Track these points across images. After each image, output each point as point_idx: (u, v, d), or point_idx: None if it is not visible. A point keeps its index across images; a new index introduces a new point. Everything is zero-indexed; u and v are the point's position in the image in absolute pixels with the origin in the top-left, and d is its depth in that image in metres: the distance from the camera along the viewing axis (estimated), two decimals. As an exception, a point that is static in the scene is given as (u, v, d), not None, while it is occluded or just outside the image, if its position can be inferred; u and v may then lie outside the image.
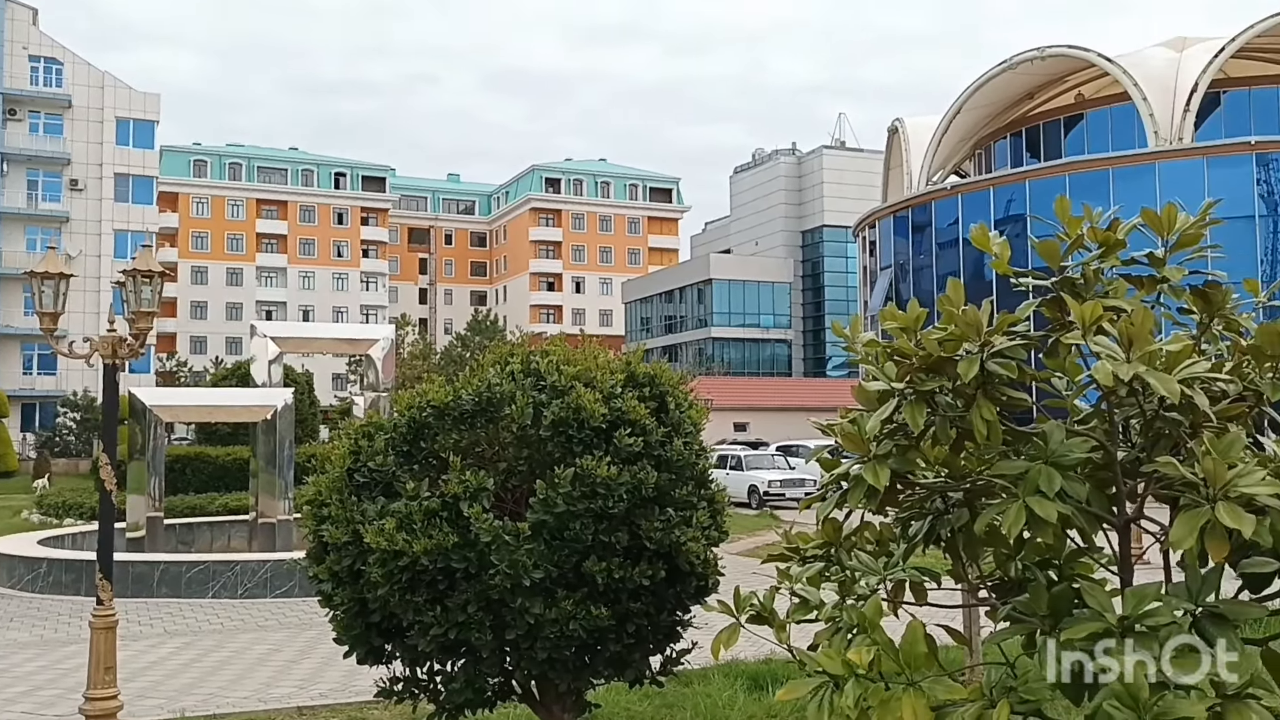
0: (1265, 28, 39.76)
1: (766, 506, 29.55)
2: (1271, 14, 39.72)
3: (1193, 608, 2.91)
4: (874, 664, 3.05)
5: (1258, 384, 3.36)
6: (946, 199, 45.64)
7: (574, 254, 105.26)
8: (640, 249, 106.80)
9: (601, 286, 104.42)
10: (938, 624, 3.70)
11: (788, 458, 33.37)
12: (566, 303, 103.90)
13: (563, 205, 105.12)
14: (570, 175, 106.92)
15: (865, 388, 3.50)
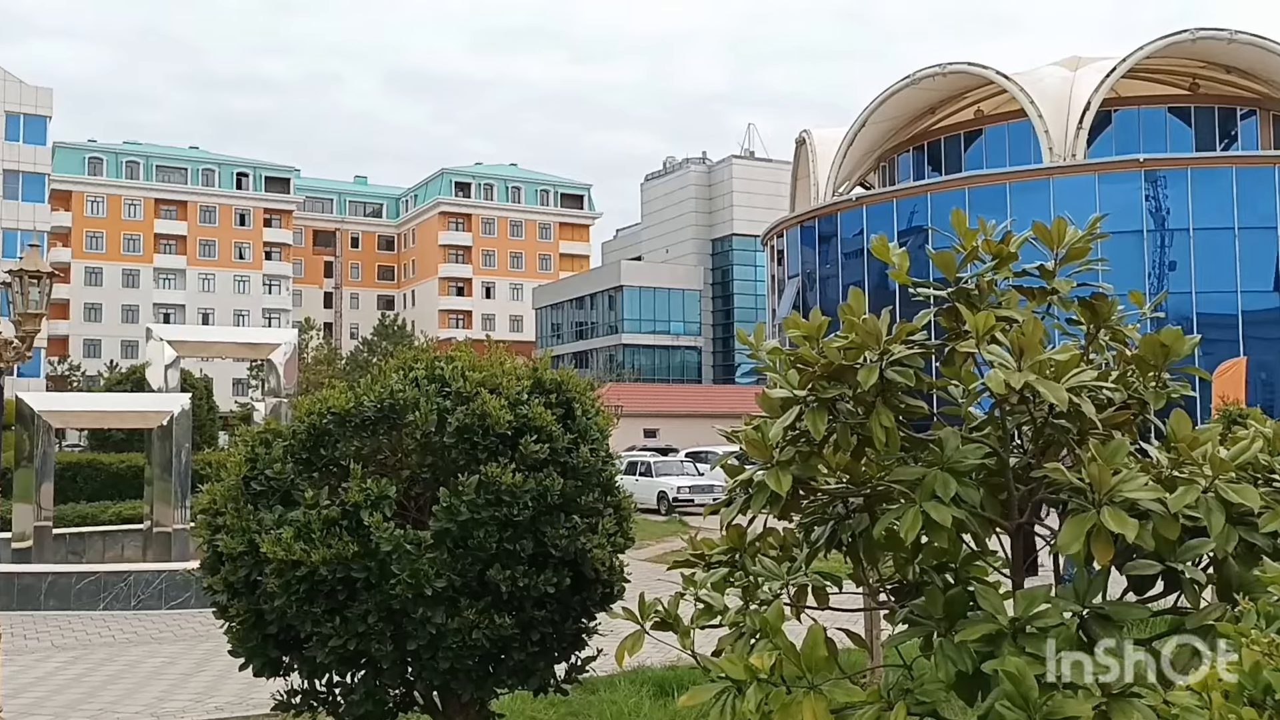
0: (1154, 50, 41.45)
1: (676, 513, 29.68)
2: (1160, 37, 41.44)
3: (1080, 609, 3.00)
4: (776, 668, 3.08)
5: (1141, 392, 3.48)
6: (852, 210, 46.53)
7: (484, 259, 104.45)
8: (551, 255, 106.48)
9: (512, 292, 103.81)
10: (839, 628, 3.75)
11: (697, 464, 33.58)
12: (476, 308, 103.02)
13: (473, 210, 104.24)
14: (481, 179, 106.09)
15: (769, 395, 3.54)
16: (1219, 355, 29.34)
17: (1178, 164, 39.85)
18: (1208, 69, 44.06)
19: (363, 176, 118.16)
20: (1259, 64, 41.76)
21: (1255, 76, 43.04)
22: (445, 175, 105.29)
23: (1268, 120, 45.69)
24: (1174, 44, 41.42)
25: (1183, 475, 2.90)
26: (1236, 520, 2.91)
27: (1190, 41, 41.22)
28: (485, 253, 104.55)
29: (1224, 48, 41.15)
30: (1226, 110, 45.76)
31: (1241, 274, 37.85)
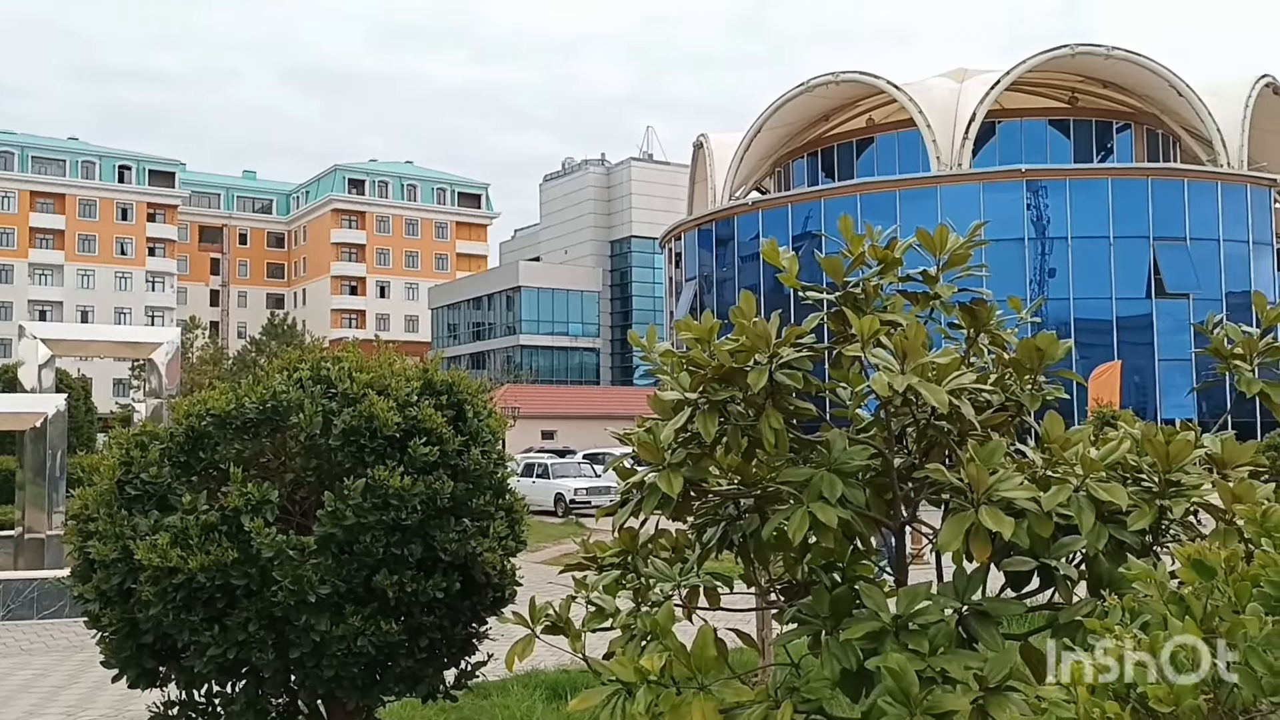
0: (1036, 63, 43.01)
1: (573, 515, 29.63)
2: (1042, 51, 43.01)
3: (959, 606, 3.08)
4: (666, 669, 3.08)
5: (1018, 395, 3.59)
6: (748, 214, 47.14)
7: (378, 258, 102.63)
8: (448, 254, 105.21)
9: (407, 292, 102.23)
10: (729, 628, 3.78)
11: (594, 466, 33.58)
12: (370, 308, 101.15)
13: (367, 207, 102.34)
14: (375, 177, 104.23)
15: (660, 397, 3.54)
16: (1095, 359, 30.60)
17: (1057, 174, 41.43)
18: (1086, 83, 45.92)
19: (251, 171, 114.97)
20: (1134, 79, 43.69)
21: (1131, 91, 45.01)
22: (338, 171, 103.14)
23: (1141, 133, 47.84)
24: (1055, 58, 43.05)
25: (1056, 475, 3.00)
26: (1106, 518, 3.02)
27: (1070, 56, 42.90)
28: (379, 251, 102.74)
29: (1102, 63, 42.94)
30: (1103, 123, 47.76)
31: (1116, 281, 39.52)
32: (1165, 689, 1.33)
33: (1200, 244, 39.43)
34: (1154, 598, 1.59)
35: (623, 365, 79.56)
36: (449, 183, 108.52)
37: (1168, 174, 41.56)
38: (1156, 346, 38.00)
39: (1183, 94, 41.91)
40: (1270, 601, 1.42)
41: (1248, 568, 1.47)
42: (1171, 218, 39.55)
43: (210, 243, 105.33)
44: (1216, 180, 40.58)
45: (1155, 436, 3.11)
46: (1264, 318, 3.51)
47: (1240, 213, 40.15)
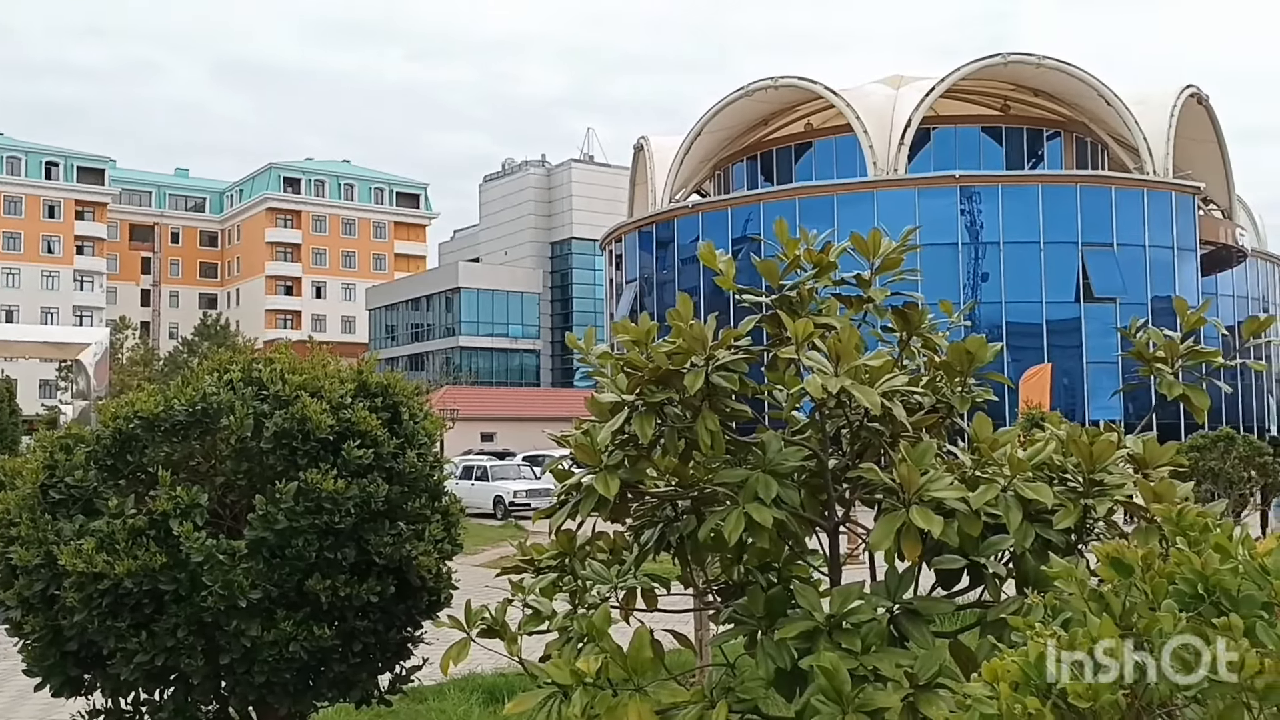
0: (969, 71, 43.78)
1: (512, 517, 29.50)
2: (975, 59, 43.79)
3: (891, 605, 3.13)
4: (602, 672, 3.08)
5: (949, 397, 3.66)
6: (688, 216, 47.33)
7: (314, 257, 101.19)
8: (386, 255, 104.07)
9: (344, 292, 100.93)
10: (666, 629, 3.80)
11: (534, 468, 33.45)
12: (306, 308, 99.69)
13: (302, 206, 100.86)
14: (311, 175, 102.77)
15: (597, 399, 3.55)
16: (1026, 362, 31.24)
17: (990, 181, 42.21)
18: (1018, 92, 46.84)
19: (184, 169, 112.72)
20: (1064, 88, 44.68)
21: (1060, 100, 46.03)
22: (273, 170, 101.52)
23: (1071, 141, 48.93)
24: (987, 66, 43.85)
25: (985, 475, 3.06)
26: (1033, 517, 3.09)
27: (1002, 65, 43.73)
28: (315, 251, 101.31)
29: (1033, 72, 43.84)
30: (1034, 131, 48.76)
31: (1046, 286, 40.37)
32: (1084, 685, 1.37)
33: (1127, 250, 40.44)
34: (1075, 595, 1.63)
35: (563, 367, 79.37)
36: (387, 182, 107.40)
37: (1096, 181, 42.55)
38: (1085, 350, 38.90)
39: (1111, 103, 42.93)
40: (1184, 598, 1.46)
41: (1164, 565, 1.52)
42: (1099, 224, 40.52)
43: (141, 241, 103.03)
44: (1143, 188, 41.65)
45: (1080, 438, 3.19)
46: (1185, 322, 3.61)
47: (1165, 219, 41.26)
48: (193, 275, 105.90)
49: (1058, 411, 5.86)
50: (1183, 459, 3.39)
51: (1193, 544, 1.55)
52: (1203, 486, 14.70)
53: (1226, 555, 1.48)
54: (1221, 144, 46.40)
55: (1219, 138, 46.24)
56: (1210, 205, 45.70)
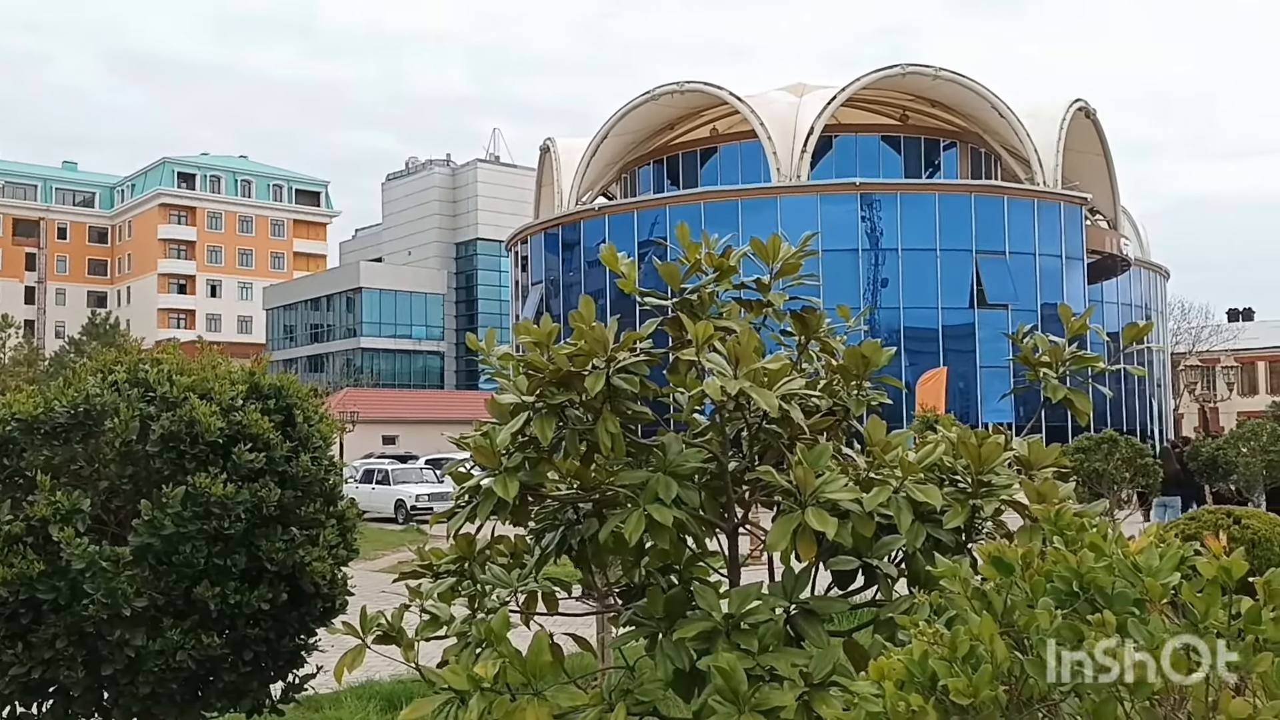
0: (869, 81, 44.72)
1: (414, 521, 29.09)
2: (874, 70, 44.75)
3: (788, 605, 3.17)
4: (500, 676, 3.06)
5: (845, 400, 3.73)
6: (595, 219, 47.36)
7: (210, 255, 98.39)
8: (285, 253, 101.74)
9: (241, 291, 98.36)
10: (567, 633, 3.79)
11: (437, 471, 33.05)
12: (201, 307, 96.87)
13: (198, 202, 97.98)
14: (207, 171, 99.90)
15: (497, 401, 3.52)
16: (923, 365, 32.04)
17: (889, 189, 43.20)
18: (916, 102, 48.04)
19: (72, 162, 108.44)
20: (959, 100, 45.95)
21: (956, 111, 47.33)
22: (167, 164, 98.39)
23: (966, 152, 50.34)
24: (886, 77, 44.86)
25: (878, 477, 3.13)
26: (924, 518, 3.17)
27: (901, 76, 44.79)
28: (211, 249, 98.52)
29: (930, 83, 45.00)
30: (931, 141, 50.04)
31: (942, 291, 41.47)
32: (964, 681, 1.40)
33: (1018, 257, 41.78)
34: (959, 594, 1.67)
35: (468, 369, 78.62)
36: (286, 179, 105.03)
37: (989, 191, 43.89)
38: (978, 354, 40.05)
39: (1004, 115, 44.30)
40: (1061, 595, 1.51)
41: (1042, 564, 1.57)
42: (992, 232, 41.78)
43: (25, 236, 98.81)
44: (1034, 198, 43.07)
45: (969, 440, 3.28)
46: (1069, 328, 3.74)
47: (1055, 228, 42.74)
48: (81, 272, 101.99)
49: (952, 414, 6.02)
50: (1066, 460, 3.51)
51: (1069, 543, 1.60)
52: (1087, 487, 15.27)
53: (1101, 554, 1.54)
54: (1107, 157, 48.27)
55: (1105, 151, 48.09)
56: (1097, 215, 47.50)
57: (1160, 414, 48.83)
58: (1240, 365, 61.63)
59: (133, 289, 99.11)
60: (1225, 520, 9.77)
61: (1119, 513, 15.61)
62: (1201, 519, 10.11)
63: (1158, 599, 1.50)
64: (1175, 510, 18.75)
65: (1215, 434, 36.13)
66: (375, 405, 51.06)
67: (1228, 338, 61.22)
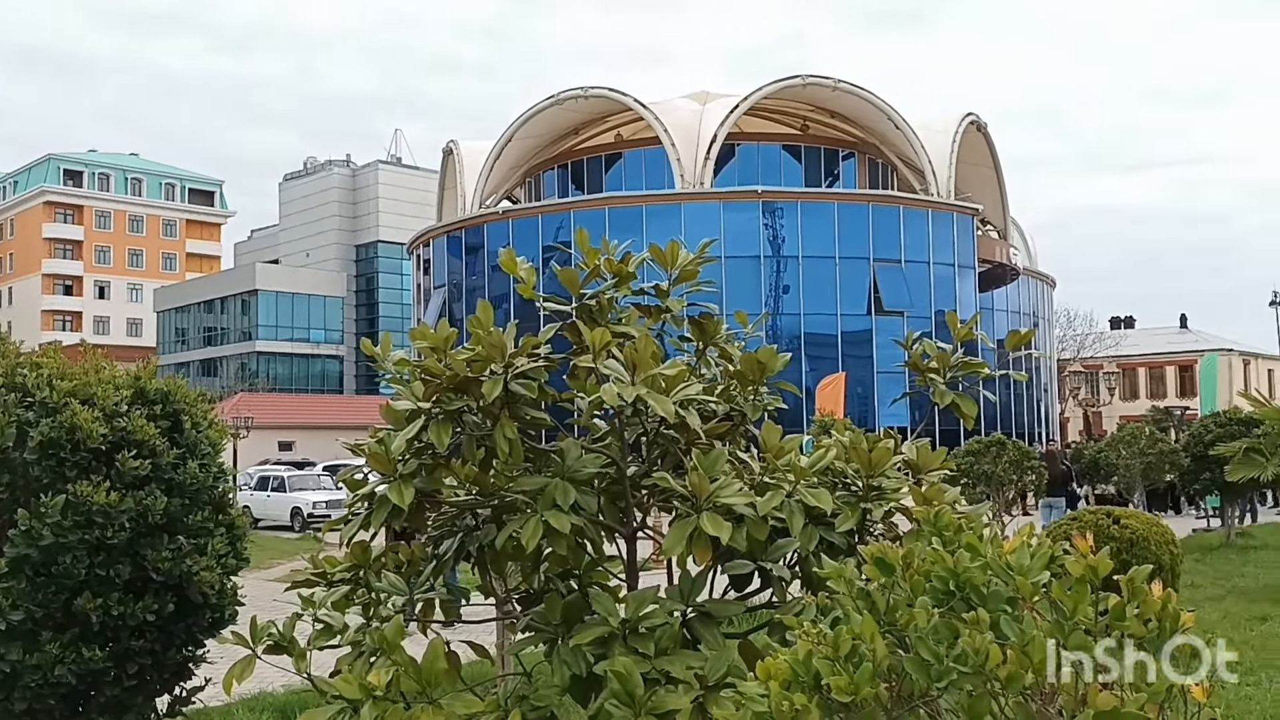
0: (771, 90, 45.40)
1: (310, 529, 28.46)
2: (776, 80, 45.44)
3: (684, 608, 3.20)
4: (393, 685, 3.02)
5: (742, 405, 3.78)
6: (499, 223, 47.04)
7: (97, 255, 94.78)
8: (177, 254, 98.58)
9: (130, 293, 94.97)
10: (464, 640, 3.76)
11: (334, 478, 32.38)
12: (88, 309, 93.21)
13: (85, 201, 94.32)
14: (95, 168, 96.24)
15: (392, 407, 3.48)
16: (823, 371, 32.63)
17: (790, 197, 43.91)
18: (817, 113, 48.93)
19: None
20: (858, 111, 46.95)
21: (855, 122, 48.35)
22: (52, 161, 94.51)
23: (864, 162, 51.47)
24: (788, 87, 45.60)
25: (771, 481, 3.18)
26: (816, 521, 3.23)
27: (801, 86, 45.58)
28: (99, 248, 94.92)
29: (829, 94, 45.88)
30: (831, 151, 51.03)
31: (841, 298, 42.30)
32: (846, 679, 1.44)
33: (914, 266, 42.87)
34: (844, 595, 1.71)
35: (368, 374, 77.18)
36: (178, 177, 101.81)
37: (886, 200, 44.93)
38: (876, 360, 40.94)
39: (900, 127, 45.42)
40: (938, 595, 1.57)
41: (921, 564, 1.62)
42: (889, 241, 42.80)
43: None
44: (928, 208, 44.25)
45: (860, 444, 3.36)
46: (956, 335, 3.86)
47: (948, 238, 43.97)
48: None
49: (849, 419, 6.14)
50: (952, 464, 3.62)
51: (947, 544, 1.66)
52: (977, 489, 15.73)
53: (976, 554, 1.60)
54: (998, 169, 49.85)
55: (996, 164, 49.65)
56: (988, 226, 49.01)
57: (1047, 418, 50.56)
58: (1122, 371, 64.35)
59: (15, 290, 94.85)
60: (1106, 520, 10.18)
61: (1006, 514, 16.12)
62: (1083, 519, 10.51)
63: (1029, 597, 1.56)
64: (1060, 510, 19.45)
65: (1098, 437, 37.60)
66: (271, 410, 49.83)
67: (1110, 345, 63.77)
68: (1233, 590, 12.85)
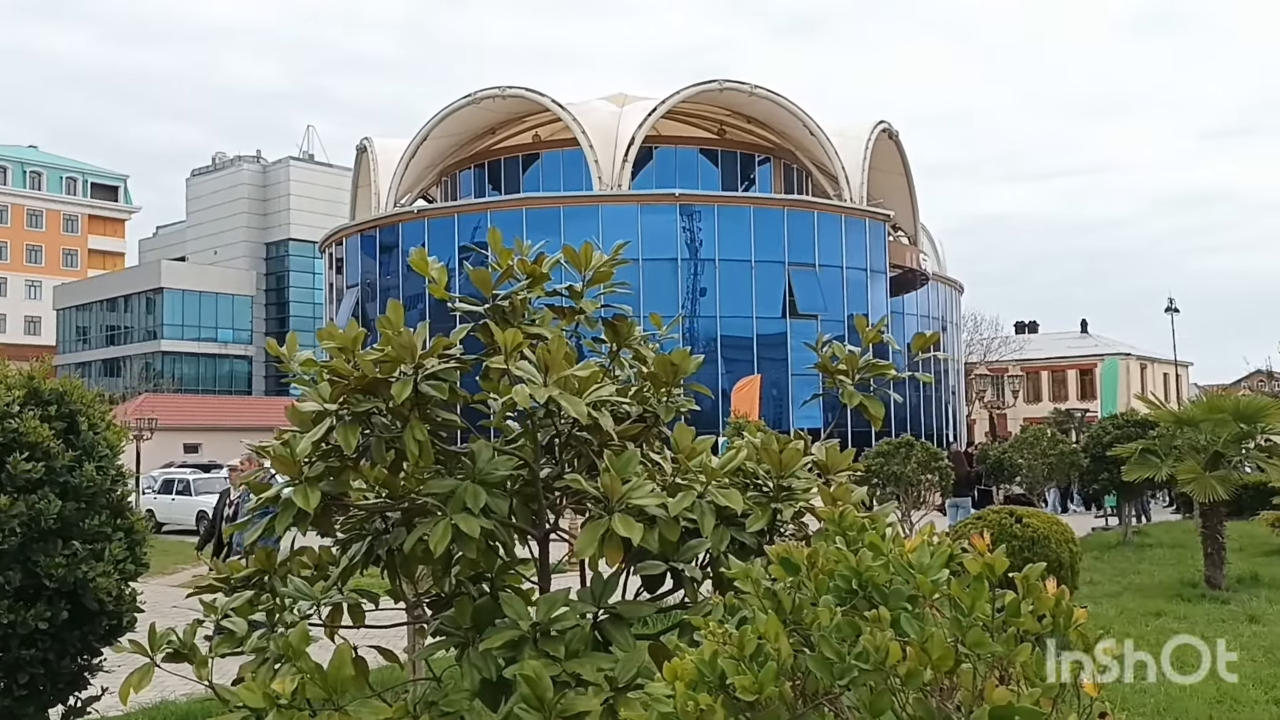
0: (688, 94, 45.68)
1: (216, 533, 27.77)
2: (693, 84, 45.74)
3: (596, 610, 3.20)
4: (298, 692, 2.97)
5: (655, 406, 3.79)
6: (414, 222, 46.44)
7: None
8: (78, 250, 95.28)
9: (28, 290, 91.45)
10: (373, 645, 3.70)
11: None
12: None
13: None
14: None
15: (298, 408, 3.41)
16: (739, 373, 32.94)
17: (707, 200, 44.21)
18: (733, 117, 49.37)
19: None
20: (773, 117, 47.51)
21: (770, 128, 48.91)
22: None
23: (779, 167, 52.10)
24: (704, 91, 45.94)
25: (683, 482, 3.20)
26: (727, 521, 3.26)
27: (718, 91, 45.95)
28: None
29: (745, 99, 46.34)
30: (747, 155, 51.53)
31: (757, 302, 42.74)
32: (750, 679, 1.45)
33: (827, 270, 43.52)
34: (751, 594, 1.72)
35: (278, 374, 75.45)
36: (80, 171, 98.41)
37: (801, 205, 45.55)
38: (790, 363, 41.44)
39: (814, 133, 46.07)
40: (842, 593, 1.59)
41: (825, 563, 1.64)
42: (804, 245, 43.39)
43: None
44: (841, 213, 44.96)
45: (771, 446, 3.40)
46: (864, 338, 3.92)
47: (860, 243, 44.74)
48: None
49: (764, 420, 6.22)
50: (859, 465, 3.69)
51: (851, 543, 1.68)
52: (886, 489, 16.04)
53: (879, 553, 1.62)
54: (909, 176, 50.90)
55: (906, 171, 50.69)
56: (899, 232, 50.00)
57: (955, 420, 51.77)
58: (1026, 374, 66.29)
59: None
60: (1009, 520, 10.47)
61: (915, 513, 16.46)
62: (987, 518, 10.79)
63: (929, 595, 1.59)
64: (966, 510, 19.93)
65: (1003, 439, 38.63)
66: (176, 412, 48.53)
67: (1015, 349, 65.60)
68: (1129, 587, 13.30)
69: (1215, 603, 11.80)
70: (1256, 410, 12.86)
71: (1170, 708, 6.96)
